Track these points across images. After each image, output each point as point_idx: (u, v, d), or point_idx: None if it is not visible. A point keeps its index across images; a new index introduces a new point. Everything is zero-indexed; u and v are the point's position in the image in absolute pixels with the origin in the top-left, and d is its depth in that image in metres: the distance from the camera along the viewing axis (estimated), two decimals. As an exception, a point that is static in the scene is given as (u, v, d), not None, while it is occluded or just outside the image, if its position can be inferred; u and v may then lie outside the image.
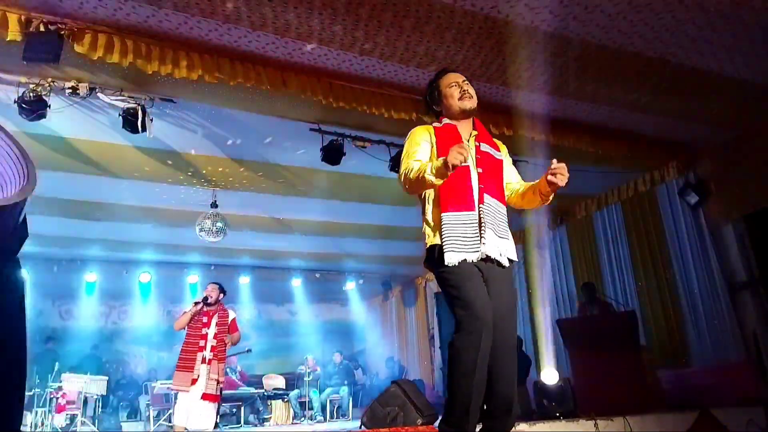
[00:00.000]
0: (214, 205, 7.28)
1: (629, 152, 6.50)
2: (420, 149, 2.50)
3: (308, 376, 9.86)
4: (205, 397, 5.13)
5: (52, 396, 7.82)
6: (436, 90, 2.61)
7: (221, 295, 5.70)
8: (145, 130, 4.94)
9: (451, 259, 2.28)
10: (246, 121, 5.59)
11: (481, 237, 2.34)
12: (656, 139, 6.57)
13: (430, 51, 4.60)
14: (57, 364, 8.44)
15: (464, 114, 2.56)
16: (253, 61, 4.58)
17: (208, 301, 5.52)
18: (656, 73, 5.13)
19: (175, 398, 5.59)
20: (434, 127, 2.57)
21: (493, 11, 4.12)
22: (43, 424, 7.73)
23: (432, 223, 2.45)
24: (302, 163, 6.45)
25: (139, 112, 4.87)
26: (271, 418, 9.75)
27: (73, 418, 7.87)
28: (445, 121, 2.59)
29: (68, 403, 7.86)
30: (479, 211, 2.37)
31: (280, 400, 9.96)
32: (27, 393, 8.46)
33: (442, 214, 2.35)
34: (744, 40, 4.63)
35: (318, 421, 9.44)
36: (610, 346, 5.96)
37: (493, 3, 4.03)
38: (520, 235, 9.91)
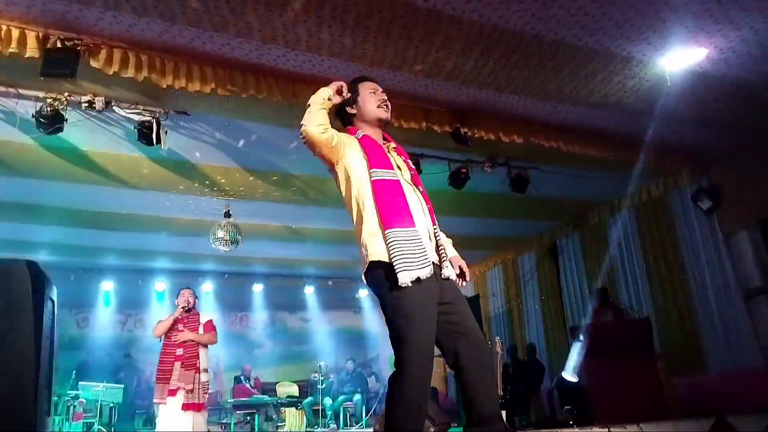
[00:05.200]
0: (228, 214, 7.37)
1: (641, 158, 6.47)
2: (337, 133, 2.38)
3: (321, 384, 9.89)
4: (186, 407, 4.96)
5: (68, 404, 7.92)
6: (352, 92, 2.52)
7: (196, 300, 5.52)
8: (160, 143, 5.03)
9: (404, 279, 2.12)
10: (258, 132, 5.67)
11: (440, 257, 2.34)
12: (669, 144, 6.54)
13: (439, 61, 4.64)
14: (74, 372, 8.55)
15: (378, 123, 2.51)
16: (264, 74, 4.65)
17: (188, 308, 5.36)
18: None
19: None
20: (358, 139, 2.44)
21: (501, 21, 4.15)
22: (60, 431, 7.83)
23: (373, 238, 2.26)
24: (314, 172, 6.51)
25: (154, 125, 4.96)
26: (284, 425, 9.79)
27: (89, 426, 7.96)
28: (359, 133, 2.46)
29: (85, 411, 7.96)
30: (435, 233, 2.38)
31: (293, 408, 10.00)
32: (45, 401, 8.58)
33: (386, 231, 2.20)
34: (755, 45, 4.61)
35: (331, 429, 9.46)
36: (624, 353, 5.93)
37: (500, 13, 4.06)
38: (532, 242, 9.91)
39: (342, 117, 2.58)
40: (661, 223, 7.58)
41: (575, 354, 6.24)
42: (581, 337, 6.26)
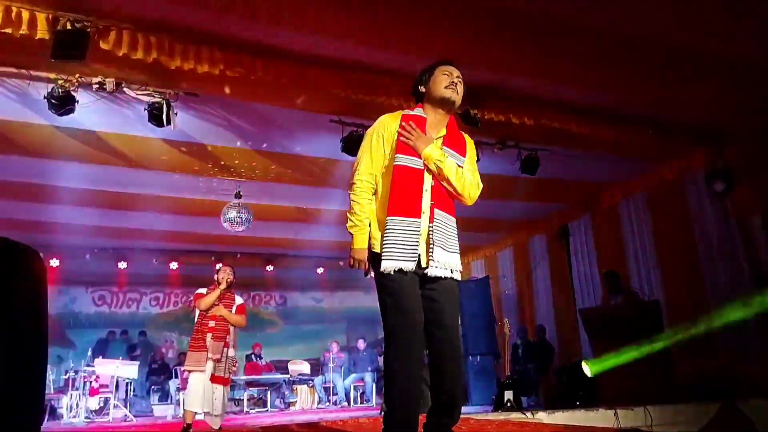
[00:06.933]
0: (239, 195, 7.42)
1: (655, 140, 6.40)
2: (372, 158, 2.43)
3: (333, 362, 10.02)
4: (214, 379, 5.13)
5: (85, 380, 8.12)
6: (428, 72, 2.53)
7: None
8: (170, 124, 5.06)
9: (387, 266, 2.26)
10: (268, 114, 5.68)
11: (428, 255, 2.31)
12: (683, 126, 6.45)
13: (448, 43, 4.59)
14: (90, 349, 8.76)
15: (442, 103, 2.47)
16: (272, 56, 4.65)
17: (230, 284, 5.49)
18: (681, 61, 5.03)
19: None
20: (403, 115, 2.48)
21: (509, 1, 4.10)
22: (77, 406, 8.03)
23: (377, 224, 2.41)
24: (324, 154, 6.52)
25: (164, 106, 4.99)
26: (296, 402, 9.95)
27: (105, 401, 8.17)
28: (417, 110, 2.49)
29: (101, 386, 8.17)
30: (429, 230, 2.33)
31: (305, 386, 10.16)
32: (62, 377, 8.82)
33: (387, 218, 2.31)
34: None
35: (342, 407, 9.60)
36: (633, 336, 5.94)
37: (510, -6, 4.02)
38: (543, 224, 9.87)
39: (416, 96, 2.60)
40: (674, 206, 7.49)
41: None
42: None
